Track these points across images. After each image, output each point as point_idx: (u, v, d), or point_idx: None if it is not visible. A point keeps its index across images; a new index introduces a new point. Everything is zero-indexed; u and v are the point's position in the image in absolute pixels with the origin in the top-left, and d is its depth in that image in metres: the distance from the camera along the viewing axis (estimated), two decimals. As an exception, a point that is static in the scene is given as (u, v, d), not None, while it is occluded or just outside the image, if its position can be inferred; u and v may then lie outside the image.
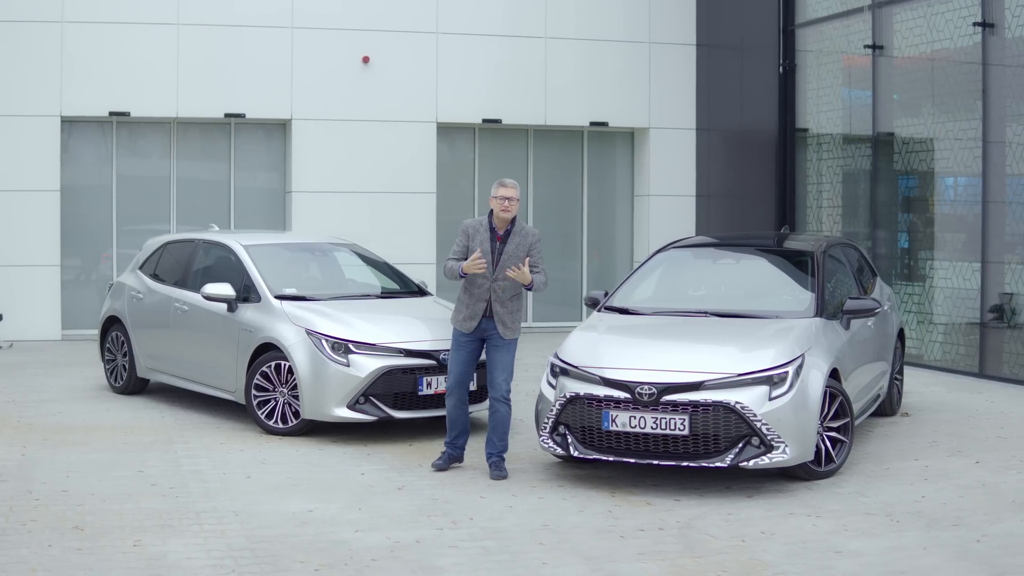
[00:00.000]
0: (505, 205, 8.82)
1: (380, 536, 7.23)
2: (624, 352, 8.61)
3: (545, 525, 7.52)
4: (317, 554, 6.86)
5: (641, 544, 7.14)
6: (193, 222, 17.70)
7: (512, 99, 18.65)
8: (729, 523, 7.58)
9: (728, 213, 18.39)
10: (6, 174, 16.62)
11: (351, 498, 8.13)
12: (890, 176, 15.23)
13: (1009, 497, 8.14)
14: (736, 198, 18.26)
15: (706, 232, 18.50)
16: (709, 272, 10.12)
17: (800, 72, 16.84)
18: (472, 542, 7.14)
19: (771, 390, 8.22)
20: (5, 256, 16.56)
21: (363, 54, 17.91)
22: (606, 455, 8.39)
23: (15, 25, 16.54)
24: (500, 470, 8.82)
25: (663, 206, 19.31)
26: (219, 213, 17.94)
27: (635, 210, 19.68)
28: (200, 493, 8.23)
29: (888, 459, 9.36)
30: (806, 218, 16.85)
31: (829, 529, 7.44)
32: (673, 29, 19.14)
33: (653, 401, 8.18)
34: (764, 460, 8.16)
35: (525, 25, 18.61)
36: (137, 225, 17.50)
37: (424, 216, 18.33)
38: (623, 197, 19.80)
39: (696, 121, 19.17)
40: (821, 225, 16.58)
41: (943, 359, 14.06)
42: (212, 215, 17.90)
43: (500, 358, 8.84)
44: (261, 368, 10.28)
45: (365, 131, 18.02)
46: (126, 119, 17.33)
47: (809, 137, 16.82)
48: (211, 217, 17.80)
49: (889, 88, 15.07)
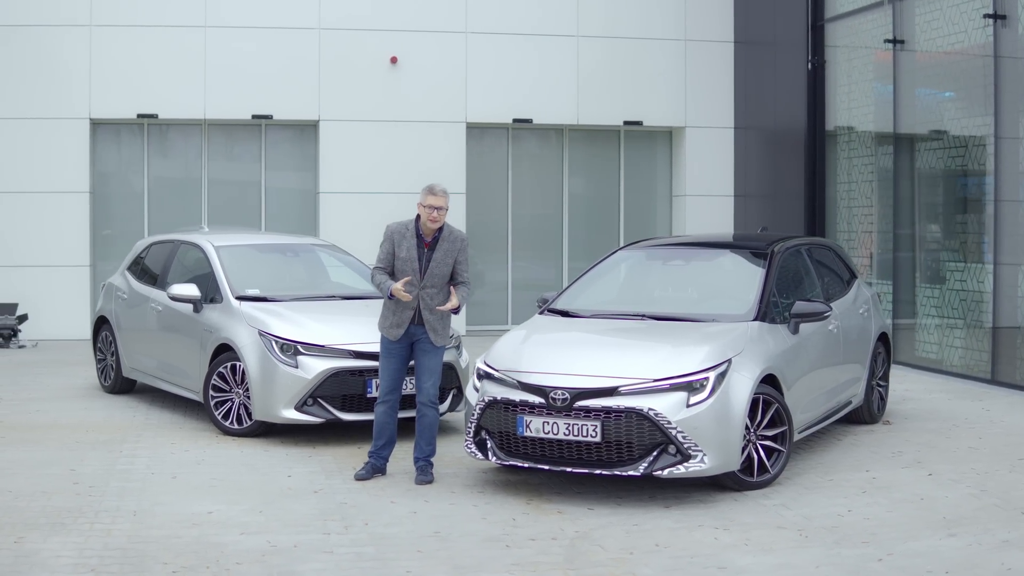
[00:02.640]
0: (434, 215, 8.58)
1: (261, 540, 7.13)
2: (544, 356, 8.38)
3: (437, 532, 7.35)
4: (186, 556, 6.78)
5: (523, 554, 6.92)
6: (224, 223, 17.88)
7: (543, 98, 18.46)
8: (629, 534, 7.32)
9: (765, 213, 17.93)
10: (36, 176, 16.97)
11: (260, 501, 8.05)
12: (912, 175, 14.68)
13: (941, 513, 7.72)
14: (771, 198, 17.81)
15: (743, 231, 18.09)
16: (658, 274, 9.82)
17: (830, 68, 16.33)
18: (349, 548, 7.00)
19: (689, 396, 7.92)
20: (35, 257, 16.91)
21: (391, 55, 17.89)
22: (522, 461, 8.18)
23: (44, 29, 16.88)
24: (426, 475, 8.65)
25: (701, 206, 18.94)
26: (250, 214, 18.11)
27: (673, 211, 19.34)
28: (115, 493, 8.23)
29: (838, 469, 8.97)
30: (836, 218, 16.33)
31: (728, 543, 7.13)
32: (711, 26, 18.76)
33: (566, 406, 7.94)
34: (680, 469, 7.86)
35: (556, 23, 18.41)
36: (169, 227, 17.70)
37: (453, 217, 18.14)
38: (662, 197, 19.47)
39: (734, 120, 18.77)
40: (851, 225, 16.05)
41: (960, 364, 13.49)
42: (243, 216, 18.10)
43: (428, 363, 8.67)
44: (218, 369, 10.28)
45: (394, 132, 18.00)
46: (157, 121, 17.56)
47: (839, 135, 16.30)
48: (242, 219, 18.03)
49: (911, 83, 14.51)
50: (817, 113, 16.36)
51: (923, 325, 14.27)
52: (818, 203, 16.43)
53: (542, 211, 19.14)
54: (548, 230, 19.04)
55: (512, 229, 18.91)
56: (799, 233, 16.34)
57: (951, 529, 7.35)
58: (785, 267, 9.59)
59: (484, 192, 18.82)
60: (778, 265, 9.30)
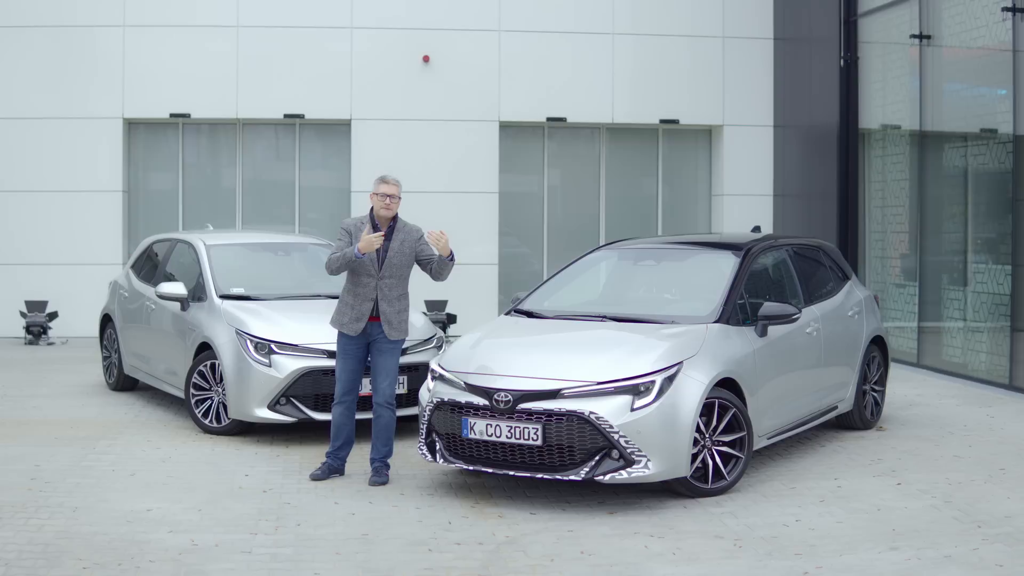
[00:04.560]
0: (387, 203, 8.58)
1: (185, 538, 7.11)
2: (492, 357, 8.24)
3: (365, 535, 7.26)
4: (103, 553, 6.78)
5: (441, 559, 6.80)
6: (258, 222, 18.03)
7: (578, 97, 18.28)
8: (559, 540, 7.16)
9: (803, 214, 17.55)
10: (70, 175, 17.25)
11: (205, 499, 8.04)
12: (941, 174, 14.23)
13: (892, 525, 7.42)
14: (808, 198, 17.41)
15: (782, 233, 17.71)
16: (628, 274, 9.61)
17: (863, 65, 15.90)
18: (269, 549, 6.94)
19: (634, 400, 7.72)
20: (68, 255, 17.17)
21: (423, 53, 17.84)
22: (467, 464, 8.06)
23: (78, 30, 17.15)
24: (380, 476, 8.57)
25: (740, 206, 18.60)
26: (284, 213, 18.21)
27: (712, 210, 19.03)
28: (66, 489, 8.26)
29: (806, 477, 8.69)
30: (869, 218, 15.91)
31: (656, 552, 6.93)
32: (748, 23, 18.42)
33: (509, 409, 7.80)
34: (623, 475, 7.67)
35: (591, 21, 18.21)
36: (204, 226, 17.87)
37: (486, 216, 18.14)
38: (702, 197, 19.17)
39: (774, 118, 18.40)
40: (885, 225, 15.62)
41: (982, 369, 13.03)
42: (277, 215, 18.22)
43: (384, 362, 8.59)
44: (198, 367, 10.31)
45: (426, 131, 17.96)
46: (190, 121, 17.74)
47: (873, 133, 15.87)
48: (277, 218, 18.15)
49: (938, 79, 14.07)
50: (850, 111, 15.95)
51: (948, 328, 13.83)
52: (851, 203, 16.02)
53: (578, 211, 18.95)
54: (584, 230, 18.83)
55: (548, 229, 18.75)
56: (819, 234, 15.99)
57: (895, 542, 7.06)
58: (760, 268, 9.33)
59: (518, 192, 18.70)
60: (750, 266, 9.04)
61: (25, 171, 17.18)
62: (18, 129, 17.13)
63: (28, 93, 17.14)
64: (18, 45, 17.09)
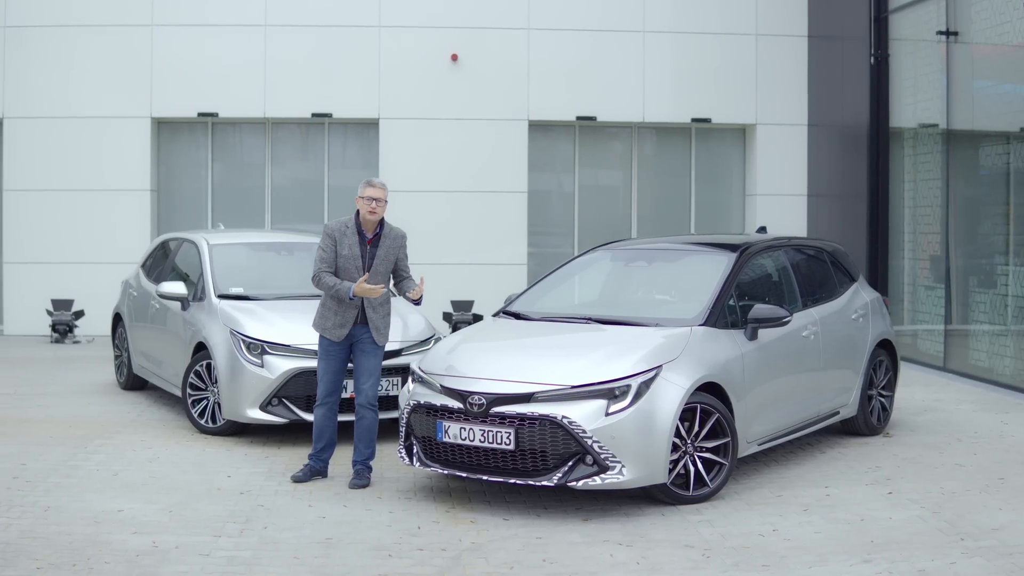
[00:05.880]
0: (372, 207, 8.49)
1: (147, 540, 7.05)
2: (470, 359, 8.10)
3: (329, 539, 7.16)
4: (61, 553, 6.74)
5: (399, 564, 6.68)
6: (287, 222, 18.04)
7: (608, 95, 18.07)
8: (525, 547, 7.00)
9: (836, 214, 17.21)
10: (99, 174, 17.35)
11: (179, 500, 7.98)
12: (969, 173, 13.86)
13: (871, 536, 7.18)
14: (841, 198, 17.07)
15: (816, 234, 17.40)
16: (619, 275, 9.43)
17: (894, 62, 15.55)
18: (228, 552, 6.86)
19: (609, 404, 7.55)
20: (96, 254, 17.27)
21: (452, 52, 17.74)
22: (442, 467, 7.94)
23: (107, 29, 17.25)
24: (361, 479, 8.47)
25: (774, 206, 18.29)
26: (314, 213, 18.19)
27: (747, 211, 18.73)
28: (44, 488, 8.25)
29: (795, 485, 8.46)
30: (899, 219, 15.55)
31: (620, 561, 6.75)
32: (782, 20, 18.11)
33: (483, 412, 7.66)
34: (596, 481, 7.50)
35: (621, 19, 18.00)
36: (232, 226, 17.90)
37: (515, 216, 18.00)
38: (735, 197, 18.88)
39: (808, 117, 18.07)
40: (915, 226, 15.26)
41: (1008, 374, 12.65)
42: (306, 215, 18.22)
43: (367, 364, 8.50)
44: (195, 367, 10.28)
45: (454, 129, 17.86)
46: (219, 120, 17.78)
47: (904, 132, 15.50)
48: (305, 217, 18.15)
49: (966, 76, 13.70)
50: (880, 109, 15.60)
51: (974, 332, 13.46)
52: (881, 203, 15.67)
53: (610, 211, 18.74)
54: (616, 231, 18.58)
55: (579, 229, 18.56)
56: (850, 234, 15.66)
57: (871, 554, 6.82)
58: (756, 270, 9.11)
59: (548, 191, 18.54)
60: (741, 268, 8.81)
61: (54, 170, 17.31)
62: (46, 128, 17.27)
63: (57, 92, 17.27)
64: (46, 45, 17.22)
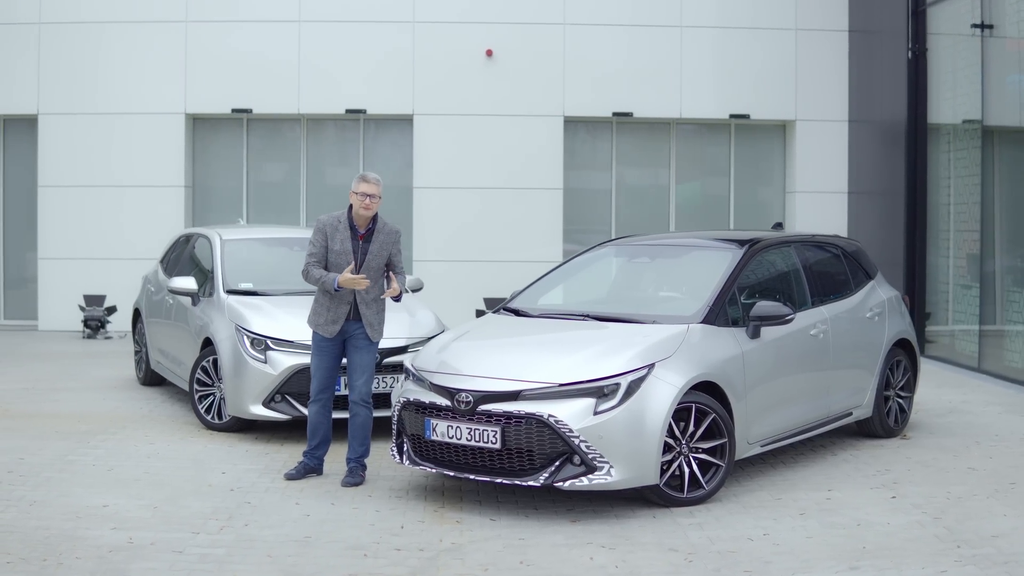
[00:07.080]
0: (366, 203, 8.39)
1: (124, 536, 6.98)
2: (460, 357, 7.95)
3: (307, 537, 7.05)
4: (34, 548, 6.69)
5: (373, 564, 6.55)
6: (320, 217, 17.95)
7: (645, 91, 17.85)
8: (505, 549, 6.84)
9: (876, 211, 16.84)
10: (132, 170, 17.42)
11: (167, 496, 7.91)
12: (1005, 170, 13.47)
13: (864, 543, 6.93)
14: (881, 195, 16.70)
15: (855, 232, 17.05)
16: (621, 272, 9.24)
17: (933, 57, 15.16)
18: (202, 549, 6.77)
19: (598, 403, 7.36)
20: (130, 250, 17.33)
21: (486, 47, 17.62)
22: (431, 466, 7.80)
23: (141, 25, 17.33)
24: (354, 476, 8.35)
25: (814, 203, 17.97)
26: (348, 208, 18.09)
27: (786, 208, 18.41)
28: (36, 482, 8.23)
29: (798, 488, 8.21)
30: (937, 216, 15.16)
31: (599, 564, 6.57)
32: (822, 15, 17.79)
33: (470, 410, 7.51)
34: (583, 481, 7.32)
35: (658, 13, 17.77)
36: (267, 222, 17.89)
37: (550, 213, 17.83)
38: (775, 194, 18.57)
39: (848, 113, 17.71)
40: (954, 224, 14.87)
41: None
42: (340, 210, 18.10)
43: (361, 360, 8.38)
44: (202, 362, 10.23)
45: (489, 126, 17.73)
46: (253, 116, 17.79)
47: (942, 128, 15.11)
48: (339, 212, 18.02)
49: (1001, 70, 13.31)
50: (918, 105, 15.22)
51: (1010, 332, 13.08)
52: (919, 201, 15.29)
53: (647, 208, 18.51)
54: (654, 228, 18.37)
55: (616, 226, 18.34)
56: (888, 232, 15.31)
57: (859, 561, 6.58)
58: (763, 267, 8.87)
59: (584, 187, 18.35)
60: (746, 265, 8.58)
61: (89, 166, 17.42)
62: (81, 124, 17.38)
63: (91, 88, 17.38)
64: (81, 42, 17.33)
